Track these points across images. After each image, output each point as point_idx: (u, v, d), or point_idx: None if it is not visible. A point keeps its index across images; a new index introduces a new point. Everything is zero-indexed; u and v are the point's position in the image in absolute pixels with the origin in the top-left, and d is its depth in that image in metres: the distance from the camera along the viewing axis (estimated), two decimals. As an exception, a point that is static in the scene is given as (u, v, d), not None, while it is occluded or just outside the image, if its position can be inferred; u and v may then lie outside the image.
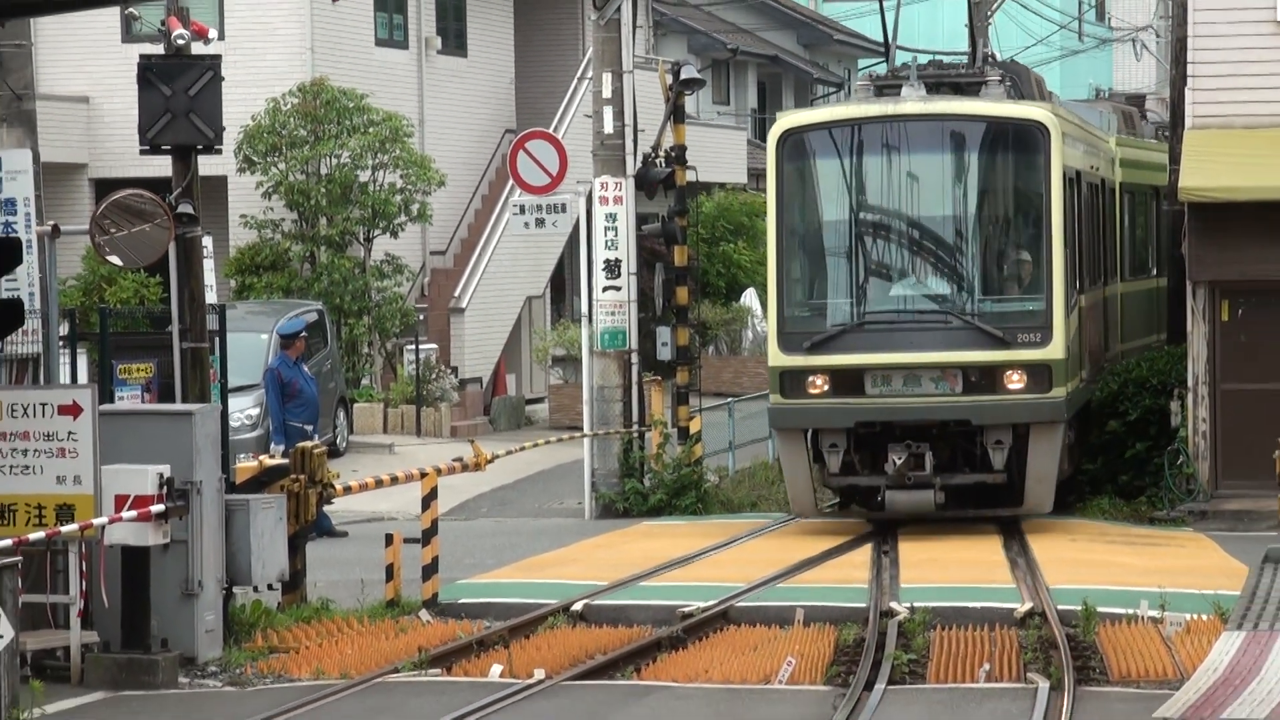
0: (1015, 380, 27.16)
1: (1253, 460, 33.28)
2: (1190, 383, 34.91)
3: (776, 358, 28.99)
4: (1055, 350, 27.70)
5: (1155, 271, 44.97)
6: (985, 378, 27.16)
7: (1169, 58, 37.12)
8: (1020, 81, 35.91)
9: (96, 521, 21.06)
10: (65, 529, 21.06)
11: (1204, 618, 21.61)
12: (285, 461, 26.51)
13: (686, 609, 23.88)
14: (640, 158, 37.41)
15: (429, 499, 26.49)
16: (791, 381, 28.18)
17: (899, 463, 26.51)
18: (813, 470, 28.45)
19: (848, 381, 27.81)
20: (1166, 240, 42.43)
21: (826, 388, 27.74)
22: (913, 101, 28.11)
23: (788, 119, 30.55)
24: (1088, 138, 37.29)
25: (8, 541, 20.34)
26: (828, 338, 28.10)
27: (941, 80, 30.32)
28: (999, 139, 29.66)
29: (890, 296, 29.07)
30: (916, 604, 22.84)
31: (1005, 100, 30.78)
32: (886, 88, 29.20)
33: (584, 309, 38.05)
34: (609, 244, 36.22)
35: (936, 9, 75.47)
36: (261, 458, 27.98)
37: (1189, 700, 12.90)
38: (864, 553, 28.02)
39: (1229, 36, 36.92)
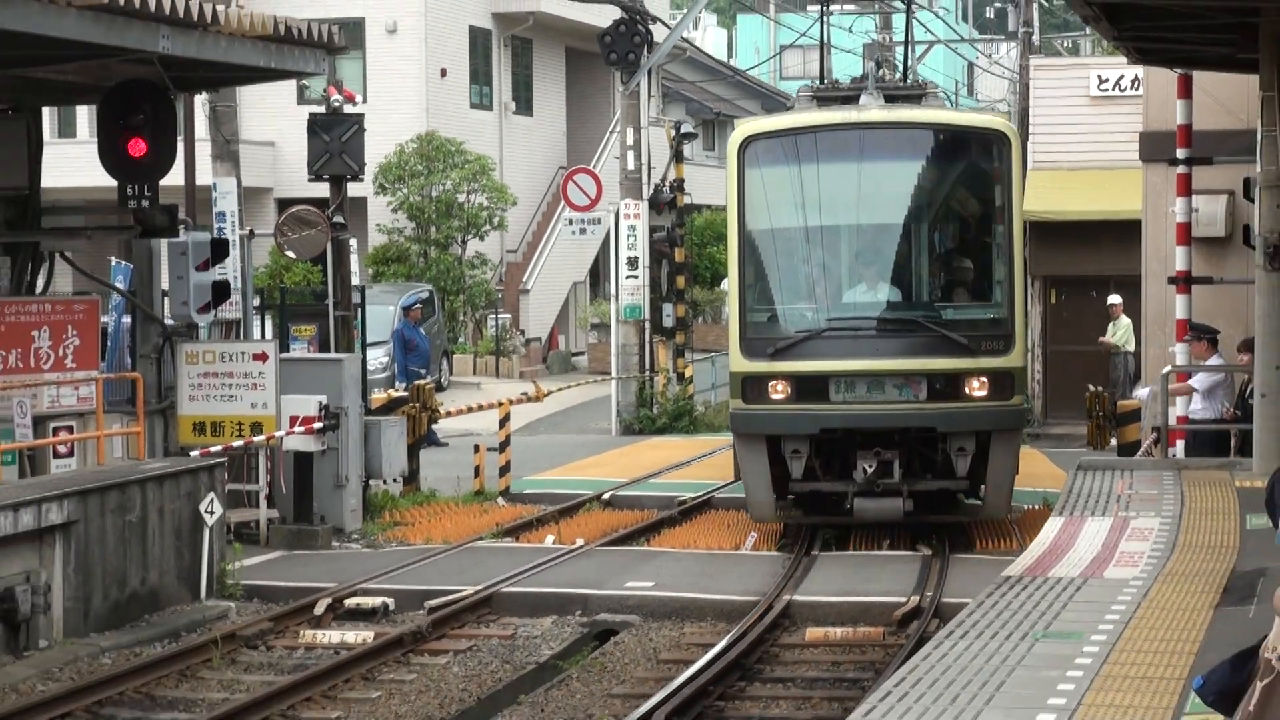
0: (979, 388, 20.13)
1: (1070, 400, 33.67)
2: (1030, 346, 35.24)
3: (739, 363, 20.85)
4: (1016, 358, 20.63)
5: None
6: (950, 385, 20.24)
7: (1017, 122, 37.04)
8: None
9: (278, 434, 21.16)
10: (256, 439, 21.15)
11: (1037, 507, 21.76)
12: (406, 394, 26.65)
13: (681, 499, 23.98)
14: (652, 187, 37.40)
15: (504, 421, 26.57)
16: (754, 387, 20.55)
17: (869, 470, 19.85)
18: (772, 476, 20.63)
19: (812, 387, 20.42)
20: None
21: (790, 393, 20.38)
22: (875, 110, 21.25)
23: (748, 125, 22.80)
24: None
25: (218, 447, 20.53)
26: (792, 344, 20.59)
27: (887, 91, 22.75)
28: (961, 147, 22.39)
29: (854, 304, 21.38)
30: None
31: (955, 110, 24.70)
32: (838, 98, 22.38)
33: (612, 291, 38.03)
34: (630, 246, 36.20)
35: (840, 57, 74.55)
36: (389, 391, 28.16)
37: (1026, 564, 12.97)
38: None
39: (1057, 107, 37.06)
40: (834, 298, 21.15)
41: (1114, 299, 32.89)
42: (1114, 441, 25.16)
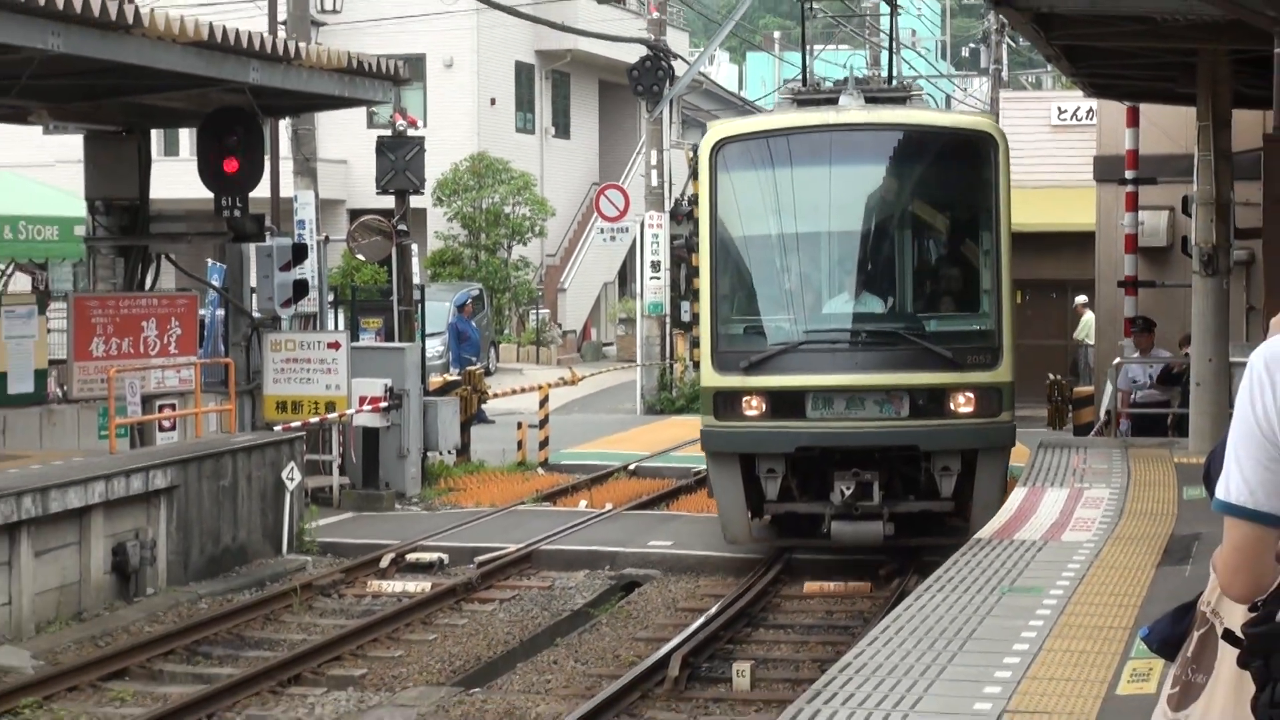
0: (964, 404, 16.42)
1: (1031, 386, 33.53)
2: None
3: (710, 378, 17.01)
4: (1005, 372, 16.63)
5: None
6: (933, 401, 16.52)
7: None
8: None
9: (349, 412, 21.20)
10: (330, 416, 21.18)
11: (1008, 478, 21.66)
12: (459, 378, 26.69)
13: (697, 469, 23.79)
14: (673, 201, 37.35)
15: (543, 402, 26.55)
16: (726, 403, 16.75)
17: (847, 492, 16.17)
18: (747, 496, 16.92)
19: (787, 404, 16.63)
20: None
21: (764, 410, 16.60)
22: (855, 110, 17.45)
23: (721, 127, 18.10)
24: None
25: (298, 423, 20.58)
26: (766, 358, 16.66)
27: (869, 93, 18.73)
28: (947, 150, 18.09)
29: (832, 315, 17.42)
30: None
31: (941, 112, 19.27)
32: (817, 100, 18.35)
33: (638, 290, 38.10)
34: (653, 252, 36.10)
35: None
36: (445, 376, 28.16)
37: (995, 528, 12.97)
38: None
39: (1023, 134, 36.95)
40: (811, 309, 17.10)
41: (1080, 299, 32.87)
42: (1070, 423, 25.07)
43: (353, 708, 12.88)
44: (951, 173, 17.95)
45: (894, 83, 20.63)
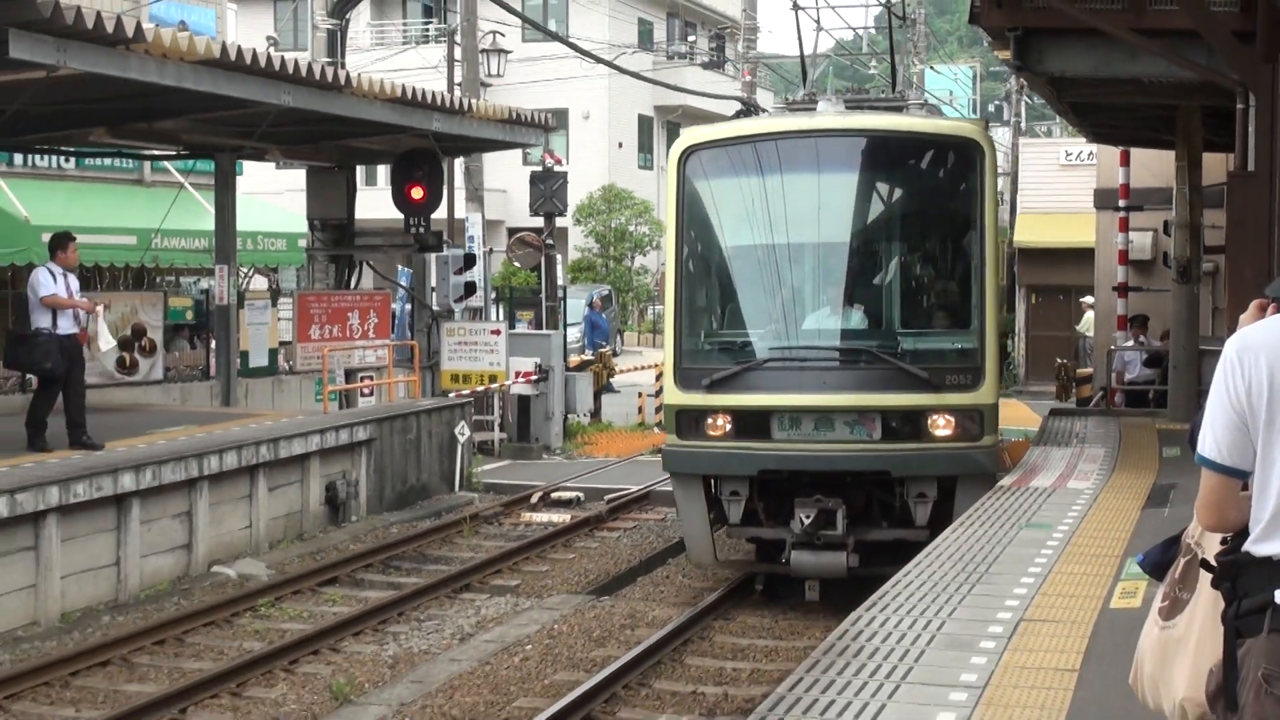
0: (942, 427, 12.33)
1: (1042, 367, 33.42)
2: (1017, 330, 35.18)
3: (673, 395, 12.78)
4: (987, 394, 12.48)
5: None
6: (908, 423, 12.35)
7: (1010, 183, 36.77)
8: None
9: (507, 383, 21.31)
10: (492, 386, 21.30)
11: (1020, 440, 21.43)
12: (592, 358, 26.75)
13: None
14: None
15: (658, 376, 26.57)
16: (689, 422, 12.60)
17: (806, 521, 12.13)
18: (712, 519, 12.84)
19: (752, 424, 12.43)
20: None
21: (728, 430, 12.48)
22: (830, 115, 13.23)
23: (691, 134, 13.49)
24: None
25: (467, 391, 20.70)
26: (731, 375, 12.50)
27: (862, 103, 14.27)
28: (927, 157, 13.68)
29: (801, 331, 12.92)
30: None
31: (926, 118, 14.19)
32: (803, 108, 13.90)
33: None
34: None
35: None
36: (581, 356, 28.19)
37: (1015, 478, 12.81)
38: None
39: (1038, 172, 36.67)
40: (778, 324, 12.69)
41: (1087, 299, 32.64)
42: (1074, 396, 24.84)
43: (510, 610, 12.94)
44: (932, 181, 13.51)
45: (897, 91, 15.65)
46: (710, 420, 12.27)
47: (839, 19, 66.41)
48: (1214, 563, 3.41)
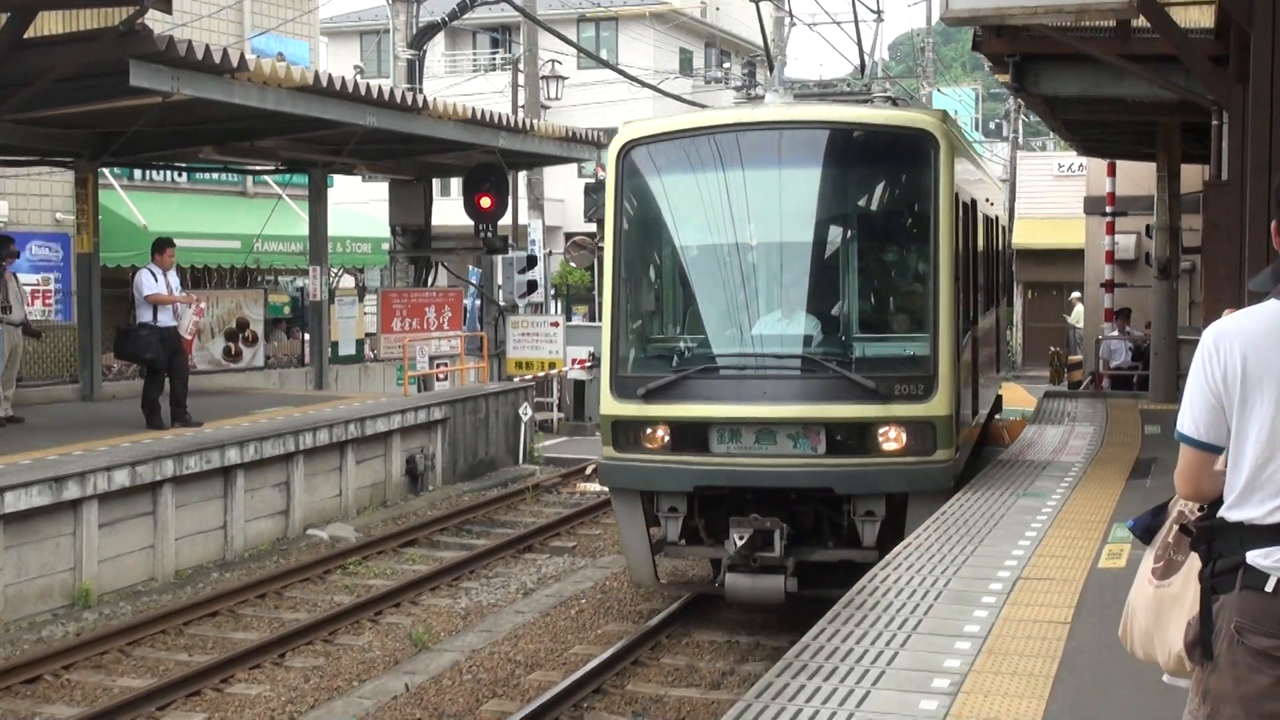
0: (891, 440, 9.70)
1: (1037, 355, 33.23)
2: (1015, 322, 35.00)
3: (608, 405, 10.29)
4: (940, 405, 9.75)
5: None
6: (854, 437, 9.76)
7: (1009, 192, 36.59)
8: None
9: (564, 369, 21.32)
10: (551, 372, 21.32)
11: (1017, 419, 21.31)
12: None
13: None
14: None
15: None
16: (625, 433, 10.16)
17: (740, 542, 9.64)
18: (651, 536, 10.41)
19: (690, 436, 9.96)
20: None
21: (665, 442, 10.05)
22: (773, 107, 10.73)
23: (630, 129, 10.56)
24: (980, 171, 13.93)
25: (530, 376, 20.70)
26: (668, 384, 9.99)
27: (823, 95, 12.20)
28: (878, 151, 10.51)
29: (741, 337, 10.16)
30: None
31: (882, 109, 11.32)
32: (751, 101, 9.48)
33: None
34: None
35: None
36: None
37: (1013, 451, 12.74)
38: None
39: (1034, 182, 36.44)
40: (717, 330, 10.25)
41: (1075, 295, 32.45)
42: (1066, 380, 24.69)
43: (567, 568, 12.97)
44: (882, 176, 10.69)
45: (862, 84, 12.77)
46: (647, 432, 9.97)
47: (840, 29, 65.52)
48: (1192, 528, 3.40)
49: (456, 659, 9.82)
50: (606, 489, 11.37)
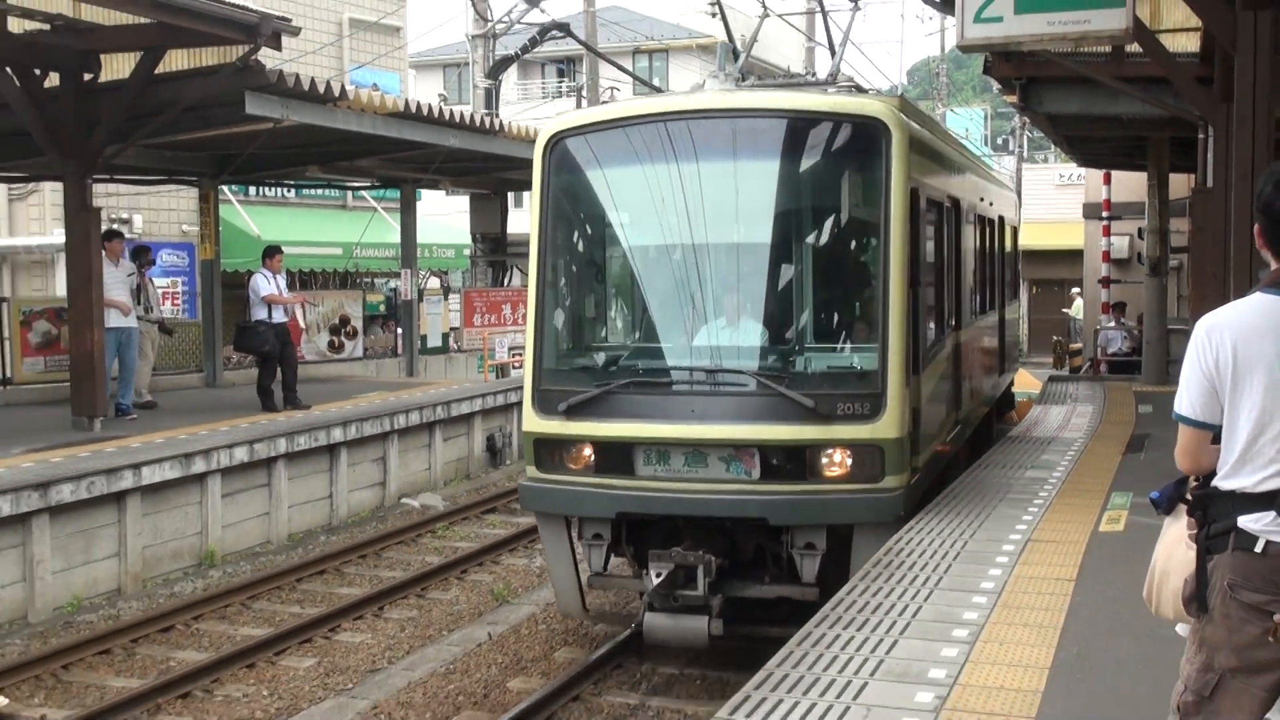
0: (834, 465, 7.07)
1: (1043, 342, 32.93)
2: (1024, 313, 34.85)
3: (530, 421, 7.68)
4: (888, 426, 7.08)
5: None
6: (792, 461, 7.04)
7: (1016, 198, 36.32)
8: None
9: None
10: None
11: (1027, 400, 21.11)
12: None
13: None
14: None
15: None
16: (548, 453, 7.61)
17: (658, 578, 7.08)
18: (578, 563, 8.07)
19: (614, 457, 7.33)
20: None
21: (589, 464, 7.44)
22: (709, 95, 7.55)
23: (559, 121, 7.98)
24: (961, 159, 10.63)
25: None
26: (590, 399, 7.34)
27: (785, 85, 8.64)
28: (821, 141, 7.45)
29: (669, 349, 7.54)
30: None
31: (833, 95, 7.79)
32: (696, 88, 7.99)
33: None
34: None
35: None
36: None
37: (1021, 429, 12.63)
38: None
39: (1038, 191, 36.10)
40: (644, 341, 7.99)
41: (1075, 290, 32.14)
42: (1067, 366, 24.49)
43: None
44: (826, 169, 7.97)
45: (828, 75, 9.70)
46: (570, 451, 7.80)
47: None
48: (1189, 497, 3.41)
49: (533, 611, 9.88)
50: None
